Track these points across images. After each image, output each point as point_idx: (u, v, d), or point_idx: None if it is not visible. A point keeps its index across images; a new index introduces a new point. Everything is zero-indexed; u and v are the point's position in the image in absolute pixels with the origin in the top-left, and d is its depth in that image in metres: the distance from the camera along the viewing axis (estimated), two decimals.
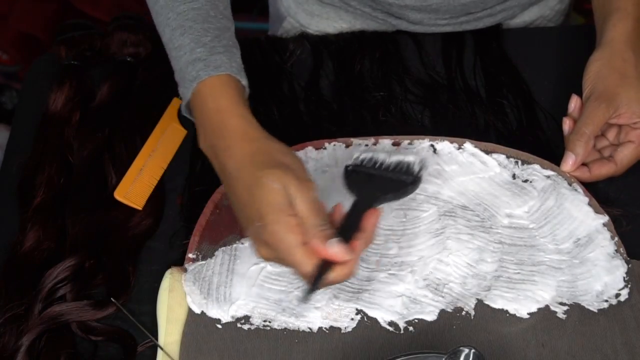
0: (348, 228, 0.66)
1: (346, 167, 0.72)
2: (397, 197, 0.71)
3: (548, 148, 0.86)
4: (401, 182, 0.71)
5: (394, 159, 0.72)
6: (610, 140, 0.82)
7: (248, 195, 0.66)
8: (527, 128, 0.88)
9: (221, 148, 0.69)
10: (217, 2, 0.76)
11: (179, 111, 0.89)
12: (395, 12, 0.95)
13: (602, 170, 0.80)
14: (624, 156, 0.80)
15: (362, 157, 0.73)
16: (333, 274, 0.65)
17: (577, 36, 0.99)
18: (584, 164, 0.81)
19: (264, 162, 0.67)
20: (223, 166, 0.69)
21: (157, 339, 0.72)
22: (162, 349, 0.71)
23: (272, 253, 0.66)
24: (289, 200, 0.64)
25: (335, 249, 0.64)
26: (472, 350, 0.59)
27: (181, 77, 0.73)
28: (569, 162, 0.80)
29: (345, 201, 0.79)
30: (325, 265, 0.64)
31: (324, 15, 1.00)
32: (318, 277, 0.64)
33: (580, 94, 0.84)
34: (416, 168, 0.71)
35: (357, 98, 0.91)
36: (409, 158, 0.71)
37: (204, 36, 0.73)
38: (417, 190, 0.80)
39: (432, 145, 0.83)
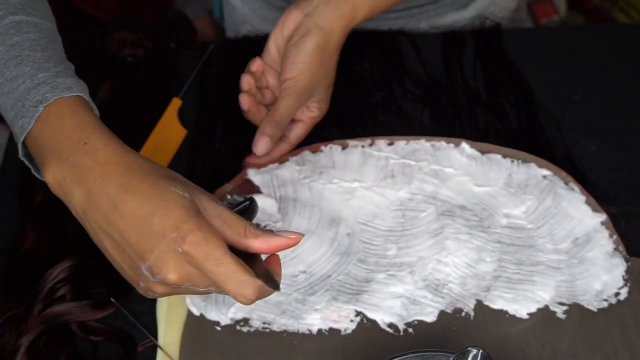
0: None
1: None
2: None
3: (548, 148, 0.86)
4: None
5: None
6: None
7: (150, 208, 0.56)
8: (527, 128, 0.88)
9: (92, 166, 0.58)
10: (56, 37, 0.67)
11: (179, 111, 0.89)
12: None
13: (281, 151, 0.82)
14: (296, 134, 0.83)
15: None
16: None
17: (577, 36, 0.99)
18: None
19: (162, 174, 0.58)
20: (100, 185, 0.57)
21: (157, 339, 0.72)
22: (161, 349, 0.71)
23: (190, 268, 0.56)
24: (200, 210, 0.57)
25: (286, 236, 0.58)
26: (480, 351, 0.59)
27: (17, 110, 0.61)
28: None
29: (346, 200, 0.79)
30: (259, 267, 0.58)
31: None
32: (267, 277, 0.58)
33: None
34: None
35: (357, 98, 0.91)
36: None
37: (46, 62, 0.63)
38: (415, 191, 0.81)
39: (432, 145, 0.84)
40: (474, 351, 0.59)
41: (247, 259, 0.58)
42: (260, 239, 0.58)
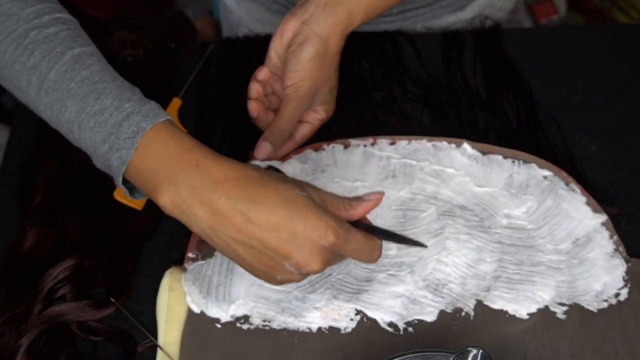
0: None
1: None
2: None
3: (548, 148, 0.86)
4: None
5: None
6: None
7: (285, 214, 0.61)
8: (527, 128, 0.88)
9: (212, 185, 0.61)
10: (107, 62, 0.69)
11: (179, 111, 0.89)
12: None
13: (285, 149, 0.83)
14: (302, 134, 0.84)
15: None
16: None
17: (577, 36, 0.99)
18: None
19: (275, 179, 0.63)
20: (228, 202, 0.61)
21: (157, 339, 0.72)
22: (161, 349, 0.71)
23: (329, 255, 0.64)
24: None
25: (373, 198, 0.67)
26: (480, 351, 0.59)
27: (111, 143, 0.63)
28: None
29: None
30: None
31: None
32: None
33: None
34: None
35: (357, 98, 0.91)
36: None
37: (123, 92, 0.65)
38: (416, 191, 0.81)
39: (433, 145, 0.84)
40: (474, 351, 0.59)
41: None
42: (357, 208, 0.67)
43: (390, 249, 0.76)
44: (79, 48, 0.67)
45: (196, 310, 0.73)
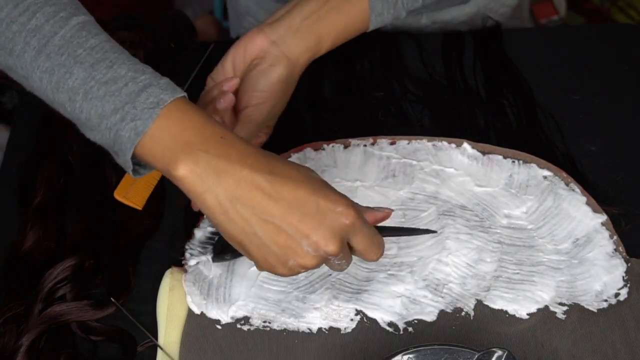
0: None
1: None
2: None
3: (548, 148, 0.86)
4: None
5: None
6: None
7: (307, 189, 0.61)
8: (527, 128, 0.88)
9: (237, 157, 0.60)
10: None
11: None
12: None
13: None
14: None
15: None
16: None
17: (577, 36, 1.00)
18: None
19: (291, 161, 0.64)
20: (250, 174, 0.60)
21: (157, 339, 0.72)
22: (162, 349, 0.71)
23: (344, 241, 0.62)
24: None
25: (383, 210, 0.66)
26: (506, 353, 0.59)
27: (125, 113, 0.60)
28: None
29: None
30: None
31: None
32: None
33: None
34: None
35: (357, 98, 0.91)
36: None
37: (137, 64, 0.63)
38: (416, 190, 0.81)
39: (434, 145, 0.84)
40: (499, 352, 0.59)
41: None
42: (368, 213, 0.65)
43: (390, 248, 0.76)
44: (83, 16, 0.64)
45: (196, 311, 0.73)
